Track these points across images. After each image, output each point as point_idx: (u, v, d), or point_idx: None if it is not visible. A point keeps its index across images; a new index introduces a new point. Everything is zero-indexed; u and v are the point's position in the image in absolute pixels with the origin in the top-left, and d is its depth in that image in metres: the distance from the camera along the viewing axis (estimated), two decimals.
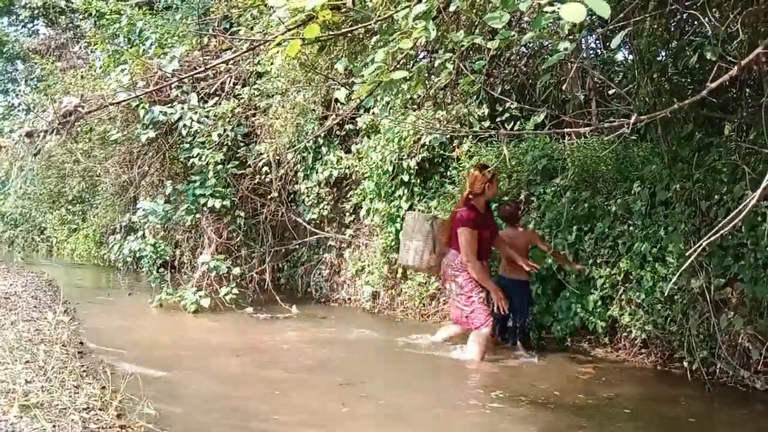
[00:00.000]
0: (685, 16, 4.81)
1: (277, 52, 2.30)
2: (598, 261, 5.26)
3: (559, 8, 1.70)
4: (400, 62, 2.59)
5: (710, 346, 4.53)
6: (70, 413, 3.16)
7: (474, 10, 2.40)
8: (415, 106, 6.88)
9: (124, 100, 7.14)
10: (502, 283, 5.41)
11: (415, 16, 2.10)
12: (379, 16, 2.50)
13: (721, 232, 1.72)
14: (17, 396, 3.28)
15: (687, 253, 4.30)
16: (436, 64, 2.79)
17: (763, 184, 1.60)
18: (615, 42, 2.35)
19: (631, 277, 5.00)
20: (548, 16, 1.81)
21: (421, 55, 4.35)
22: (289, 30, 2.30)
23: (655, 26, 4.66)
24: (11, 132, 6.78)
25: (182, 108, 7.83)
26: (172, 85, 7.91)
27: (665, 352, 4.96)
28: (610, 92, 6.92)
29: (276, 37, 2.33)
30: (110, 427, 3.09)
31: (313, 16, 2.22)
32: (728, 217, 1.71)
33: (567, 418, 3.70)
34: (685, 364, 4.59)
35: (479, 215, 5.05)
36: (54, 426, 2.96)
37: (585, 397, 4.17)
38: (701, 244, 1.81)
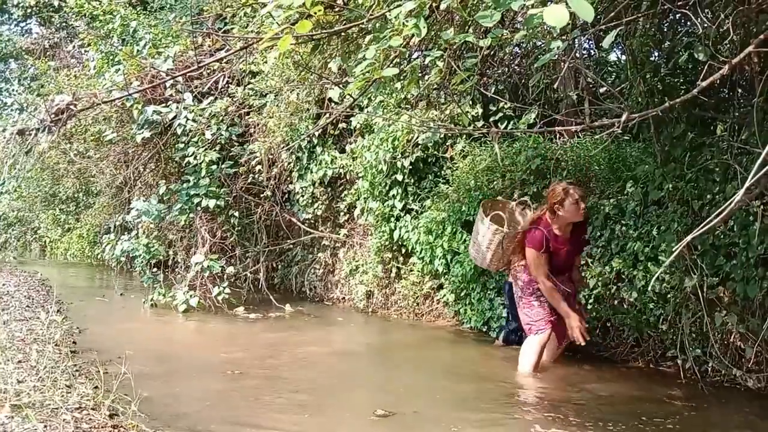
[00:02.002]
0: (677, 16, 4.83)
1: (271, 47, 2.30)
2: (590, 260, 5.28)
3: (542, 11, 1.71)
4: (393, 61, 2.59)
5: (703, 345, 4.55)
6: (62, 413, 3.15)
7: (467, 10, 2.41)
8: (409, 106, 6.89)
9: (116, 98, 7.13)
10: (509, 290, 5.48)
11: (407, 13, 2.10)
12: (371, 14, 2.50)
13: (707, 226, 1.73)
14: (9, 396, 3.26)
15: (674, 248, 4.33)
16: (426, 61, 2.79)
17: (748, 182, 1.61)
18: (607, 41, 2.36)
19: (624, 277, 5.02)
20: (539, 15, 1.82)
21: (416, 55, 4.36)
22: (282, 28, 2.30)
23: (648, 26, 4.68)
24: (3, 131, 6.75)
25: (177, 107, 7.82)
26: (167, 85, 7.90)
27: (658, 351, 4.98)
28: (602, 90, 6.95)
29: (268, 34, 2.32)
30: (102, 427, 3.08)
31: (305, 14, 2.22)
32: (715, 213, 1.72)
33: (558, 417, 3.71)
34: (679, 362, 4.61)
35: (551, 236, 4.60)
36: (45, 426, 2.95)
37: (576, 396, 4.19)
38: (687, 240, 1.82)
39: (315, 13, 2.14)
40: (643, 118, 2.25)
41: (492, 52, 6.13)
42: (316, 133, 8.04)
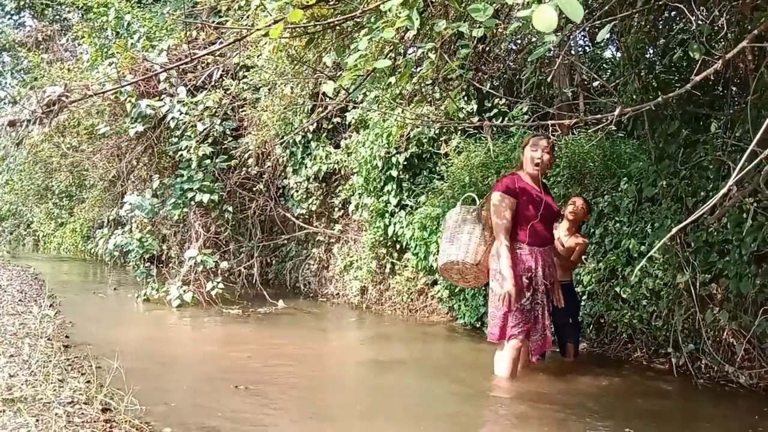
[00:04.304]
0: (672, 13, 4.83)
1: (265, 43, 2.28)
2: (584, 257, 5.29)
3: (532, 11, 1.71)
4: (387, 54, 2.58)
5: (696, 342, 4.56)
6: (55, 407, 3.13)
7: (461, 3, 2.40)
8: (403, 101, 6.88)
9: (108, 90, 7.10)
10: None
11: (401, 5, 2.09)
12: (366, 4, 2.49)
13: (695, 218, 1.74)
14: (1, 390, 3.25)
15: (667, 242, 4.34)
16: (419, 53, 2.77)
17: (735, 174, 1.61)
18: (602, 34, 2.36)
19: (617, 273, 5.03)
20: (528, 17, 1.81)
21: (410, 51, 4.34)
22: (276, 18, 2.28)
23: (643, 23, 4.68)
24: None
25: (170, 101, 7.79)
26: (160, 78, 7.87)
27: (650, 347, 4.99)
28: (595, 84, 6.95)
29: (262, 23, 2.31)
30: (95, 422, 3.07)
31: (300, 4, 2.20)
32: (704, 206, 1.72)
33: (551, 413, 3.72)
34: (674, 360, 4.62)
35: (521, 183, 4.10)
36: (38, 420, 2.94)
37: (569, 392, 4.19)
38: (674, 231, 1.83)
39: (308, 1, 2.12)
40: (637, 113, 2.25)
41: (487, 48, 6.12)
42: (311, 128, 8.03)
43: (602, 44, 7.63)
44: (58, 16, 16.06)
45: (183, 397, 3.92)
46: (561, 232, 4.84)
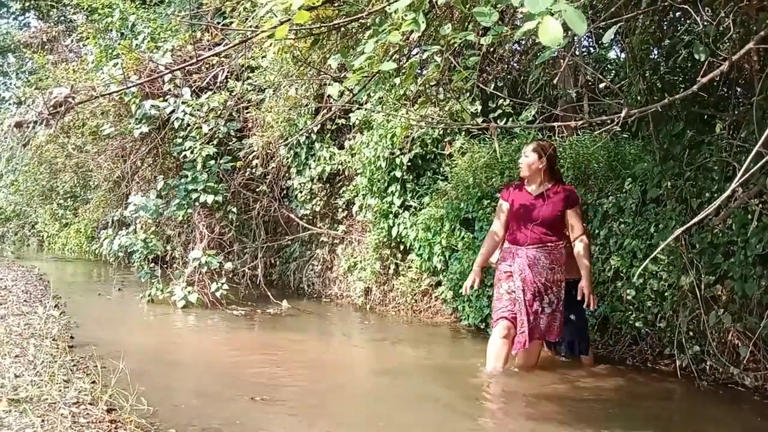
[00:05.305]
0: (677, 14, 4.83)
1: (270, 44, 2.29)
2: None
3: (540, 22, 1.70)
4: (392, 56, 2.59)
5: (700, 343, 4.55)
6: (60, 408, 3.14)
7: (467, 6, 2.40)
8: (408, 102, 6.88)
9: (114, 92, 7.12)
10: None
11: (407, 7, 2.09)
12: (372, 6, 2.49)
13: (699, 219, 1.73)
14: (6, 390, 3.26)
15: (671, 244, 4.33)
16: (424, 56, 2.78)
17: (739, 175, 1.61)
18: (607, 36, 2.35)
19: (622, 274, 5.02)
20: (533, 30, 1.80)
21: (414, 52, 4.34)
22: (281, 19, 2.29)
23: (647, 24, 4.67)
24: (1, 124, 6.73)
25: (174, 102, 7.80)
26: (165, 79, 7.88)
27: (655, 349, 4.98)
28: (601, 86, 6.94)
29: (267, 26, 2.31)
30: (100, 422, 3.07)
31: (306, 6, 2.21)
32: (709, 207, 1.72)
33: (553, 414, 3.72)
34: (678, 361, 4.61)
35: (519, 189, 4.52)
36: (43, 420, 2.95)
37: (573, 393, 4.19)
38: (678, 232, 1.83)
39: (314, 2, 2.13)
40: (643, 114, 2.25)
41: (492, 49, 6.11)
42: (315, 129, 8.03)
43: (607, 45, 7.61)
44: (63, 17, 16.11)
45: (188, 397, 3.93)
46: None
